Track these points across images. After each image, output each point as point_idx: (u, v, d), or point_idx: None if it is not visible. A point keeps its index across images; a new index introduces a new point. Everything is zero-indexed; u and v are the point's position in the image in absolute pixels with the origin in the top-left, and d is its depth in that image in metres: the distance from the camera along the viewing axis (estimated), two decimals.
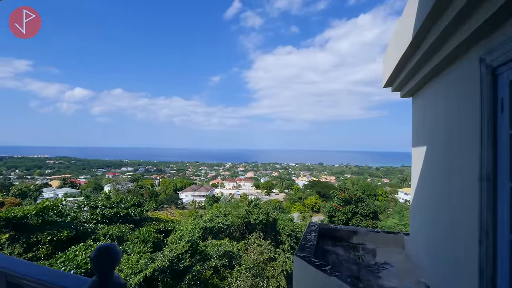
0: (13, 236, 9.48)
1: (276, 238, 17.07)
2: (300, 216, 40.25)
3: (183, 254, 9.86)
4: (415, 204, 2.56)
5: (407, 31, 2.10)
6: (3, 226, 9.80)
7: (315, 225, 2.52)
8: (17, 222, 9.82)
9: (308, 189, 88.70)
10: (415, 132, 2.61)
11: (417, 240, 2.53)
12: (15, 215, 9.63)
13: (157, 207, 64.90)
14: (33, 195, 71.28)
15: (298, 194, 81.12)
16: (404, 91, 2.58)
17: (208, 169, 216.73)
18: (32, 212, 10.04)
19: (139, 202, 15.95)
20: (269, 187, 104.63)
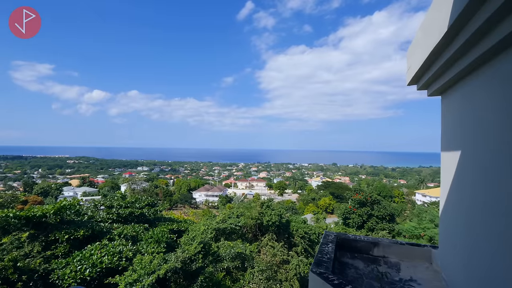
0: (32, 234, 9.75)
1: (289, 240, 16.83)
2: (313, 218, 39.72)
3: (196, 255, 9.83)
4: (447, 214, 2.26)
5: (440, 23, 1.83)
6: (23, 224, 10.12)
7: (331, 234, 2.32)
8: (36, 221, 10.11)
9: (321, 190, 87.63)
10: (446, 135, 2.32)
11: (448, 254, 2.24)
12: (34, 214, 9.91)
13: (171, 207, 66.01)
14: (54, 193, 74.29)
15: (311, 195, 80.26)
16: (432, 89, 2.31)
17: (221, 169, 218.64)
18: (50, 211, 10.30)
19: (153, 202, 16.13)
20: (282, 188, 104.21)
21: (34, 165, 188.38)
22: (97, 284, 8.90)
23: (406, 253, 2.63)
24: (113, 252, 9.67)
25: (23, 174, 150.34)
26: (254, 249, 12.78)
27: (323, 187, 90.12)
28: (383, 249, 2.58)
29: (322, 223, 32.37)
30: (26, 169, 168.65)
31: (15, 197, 14.15)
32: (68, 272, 8.56)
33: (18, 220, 9.88)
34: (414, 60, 2.28)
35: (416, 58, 2.21)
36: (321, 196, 76.18)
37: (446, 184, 2.21)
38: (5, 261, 7.57)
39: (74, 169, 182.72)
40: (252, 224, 15.38)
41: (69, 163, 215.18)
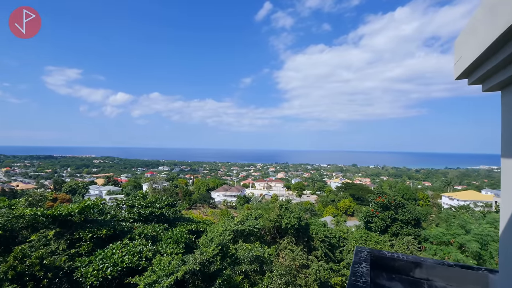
0: (58, 232, 10.08)
1: (309, 244, 16.38)
2: (333, 221, 38.71)
3: (214, 257, 9.72)
4: (510, 232, 1.83)
5: (507, 5, 1.47)
6: (51, 222, 10.50)
7: (364, 251, 2.01)
8: (62, 219, 10.46)
9: (341, 192, 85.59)
10: (508, 136, 1.89)
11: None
12: (60, 213, 10.24)
13: (191, 206, 67.09)
14: (81, 192, 77.98)
15: (330, 197, 78.52)
16: (490, 83, 1.93)
17: (239, 169, 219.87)
18: (75, 210, 10.61)
19: (172, 202, 16.29)
20: (300, 189, 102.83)
21: (64, 165, 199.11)
22: (118, 283, 9.02)
23: (456, 277, 2.15)
24: (133, 252, 9.79)
25: (53, 173, 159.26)
26: (272, 252, 12.52)
27: (342, 189, 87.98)
28: (426, 270, 2.13)
29: (342, 226, 31.44)
30: (56, 168, 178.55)
31: (43, 196, 14.81)
32: (91, 271, 8.74)
33: (45, 218, 10.27)
34: (466, 51, 1.91)
35: (470, 48, 1.85)
36: (341, 198, 74.32)
37: (509, 195, 1.81)
38: (32, 258, 7.83)
39: (99, 169, 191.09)
40: (270, 226, 15.12)
41: (95, 162, 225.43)
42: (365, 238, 20.44)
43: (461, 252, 18.47)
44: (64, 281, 8.53)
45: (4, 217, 9.44)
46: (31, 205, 11.51)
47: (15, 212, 9.81)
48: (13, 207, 10.49)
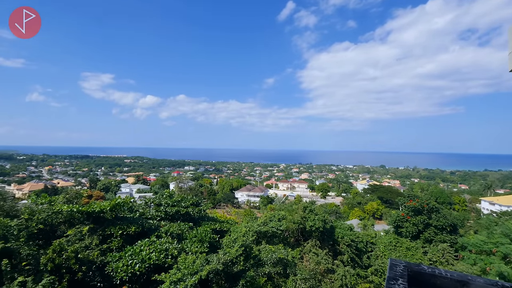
0: (92, 228, 10.66)
1: (334, 247, 15.89)
2: (360, 224, 37.33)
3: (237, 258, 9.73)
4: None
5: None
6: (85, 218, 11.14)
7: (400, 264, 1.80)
8: (95, 216, 11.05)
9: (368, 194, 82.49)
10: None
11: None
12: (94, 210, 10.83)
13: (215, 205, 68.21)
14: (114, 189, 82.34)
15: (357, 199, 75.92)
16: None
17: (263, 169, 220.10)
18: (107, 208, 11.16)
19: (197, 201, 16.62)
20: (324, 190, 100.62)
21: (98, 164, 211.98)
22: (145, 279, 9.34)
23: None
24: (160, 249, 10.08)
25: (89, 171, 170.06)
26: (296, 255, 12.29)
27: (370, 191, 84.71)
28: None
29: (370, 230, 30.18)
30: (92, 167, 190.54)
31: (79, 193, 15.81)
32: (121, 266, 9.13)
33: (81, 214, 10.91)
34: None
35: None
36: (368, 200, 71.56)
37: None
38: (69, 251, 8.33)
39: (130, 168, 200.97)
40: (294, 228, 14.88)
41: (126, 162, 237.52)
42: (395, 243, 19.42)
43: (506, 264, 16.88)
44: (96, 275, 8.99)
45: (45, 212, 10.15)
46: (68, 202, 12.28)
47: (54, 208, 10.52)
48: (52, 204, 11.24)
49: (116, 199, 12.02)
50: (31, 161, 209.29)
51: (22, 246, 8.39)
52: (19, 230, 8.98)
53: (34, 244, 9.10)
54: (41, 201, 11.57)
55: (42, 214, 10.03)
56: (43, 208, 10.50)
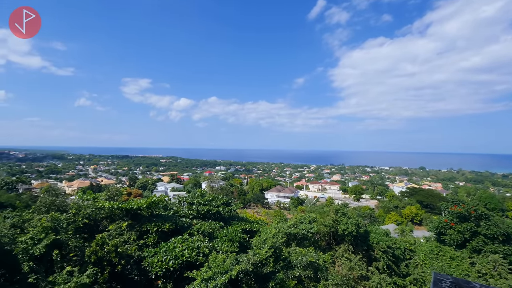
0: (130, 224, 11.31)
1: (369, 253, 15.13)
2: (397, 229, 35.19)
3: (267, 260, 9.69)
4: None
5: None
6: (124, 215, 11.87)
7: (446, 279, 1.60)
8: (133, 213, 11.72)
9: (406, 197, 77.68)
10: None
11: None
12: (132, 207, 11.49)
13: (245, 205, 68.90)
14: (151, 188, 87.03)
15: (393, 202, 71.79)
16: None
17: (293, 170, 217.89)
18: (144, 205, 11.77)
19: (228, 201, 16.88)
20: (358, 192, 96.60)
21: (137, 163, 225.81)
22: (178, 275, 9.68)
23: None
24: (192, 247, 10.39)
25: (129, 170, 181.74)
26: (328, 259, 11.92)
27: (408, 194, 79.67)
28: None
29: (408, 236, 28.27)
30: (131, 167, 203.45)
31: (119, 191, 16.93)
32: (156, 261, 9.56)
33: (120, 211, 11.65)
34: None
35: None
36: (406, 204, 67.28)
37: None
38: (109, 245, 8.93)
39: (165, 167, 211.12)
40: (325, 231, 14.45)
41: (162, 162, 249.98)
42: (437, 252, 17.93)
43: None
44: (134, 268, 9.52)
45: (90, 208, 10.99)
46: (109, 198, 13.19)
47: (98, 204, 11.35)
48: (96, 200, 12.14)
49: (152, 197, 12.63)
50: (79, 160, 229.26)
51: (70, 239, 9.16)
52: (67, 223, 9.81)
53: (80, 237, 9.88)
54: (87, 198, 12.55)
55: (87, 209, 10.86)
56: (88, 204, 11.37)
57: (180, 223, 12.48)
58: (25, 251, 8.29)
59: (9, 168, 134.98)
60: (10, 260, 8.33)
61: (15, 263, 8.19)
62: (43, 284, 7.49)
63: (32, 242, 8.51)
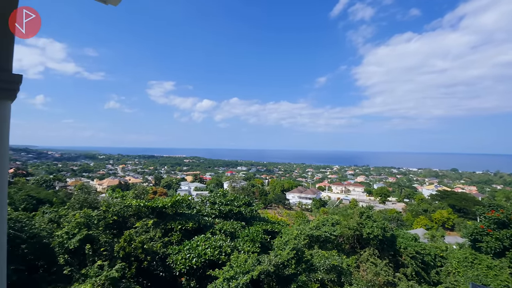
0: (155, 222, 11.72)
1: (396, 258, 14.47)
2: (427, 234, 33.40)
3: (289, 261, 9.60)
4: None
5: None
6: (150, 213, 12.32)
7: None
8: (158, 211, 12.13)
9: (436, 201, 73.51)
10: None
11: None
12: (157, 205, 11.91)
13: (266, 206, 68.84)
14: (175, 187, 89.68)
15: (422, 206, 68.24)
16: None
17: (315, 171, 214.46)
18: (168, 204, 12.15)
19: (249, 201, 16.96)
20: (384, 195, 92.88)
21: (162, 163, 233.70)
22: (201, 273, 9.87)
23: None
24: (214, 246, 10.55)
25: (154, 170, 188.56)
26: (352, 263, 11.57)
27: (438, 197, 75.35)
28: None
29: (439, 242, 26.67)
30: (156, 166, 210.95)
31: (145, 189, 17.63)
32: (180, 259, 9.81)
33: (146, 209, 12.11)
34: None
35: None
36: (436, 208, 63.69)
37: None
38: (136, 242, 9.30)
39: (189, 167, 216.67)
40: (349, 234, 14.03)
41: (185, 162, 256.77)
42: (471, 260, 16.73)
43: None
44: (159, 265, 9.84)
45: (118, 206, 11.52)
46: (136, 197, 13.77)
47: (126, 202, 11.88)
48: (124, 198, 12.72)
49: (176, 196, 13.00)
50: (109, 160, 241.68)
51: (100, 234, 9.66)
52: (98, 220, 10.35)
53: (110, 233, 10.39)
54: (116, 196, 13.19)
55: (116, 207, 11.40)
56: (117, 202, 11.92)
57: (203, 222, 12.72)
58: (61, 245, 8.86)
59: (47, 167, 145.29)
60: (48, 252, 8.95)
61: (52, 256, 8.78)
62: (76, 276, 7.96)
63: (67, 237, 9.08)
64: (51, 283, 7.79)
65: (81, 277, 7.91)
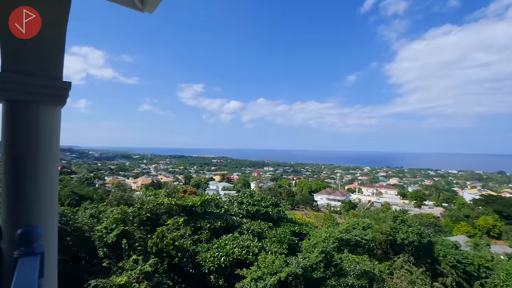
0: (186, 220, 12.13)
1: (433, 267, 13.51)
2: (469, 242, 30.84)
3: (317, 264, 9.41)
4: None
5: None
6: (181, 211, 12.77)
7: None
8: (188, 209, 12.54)
9: (480, 206, 67.55)
10: None
11: None
12: (187, 204, 12.32)
13: (293, 207, 68.15)
14: (204, 186, 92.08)
15: (464, 211, 63.21)
16: None
17: (344, 172, 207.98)
18: (198, 203, 12.52)
19: (276, 202, 16.93)
20: (420, 198, 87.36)
21: (191, 163, 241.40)
22: (229, 272, 10.03)
23: None
24: (242, 245, 10.67)
25: (184, 169, 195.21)
26: (384, 269, 11.04)
27: (482, 202, 69.20)
28: None
29: (484, 251, 24.49)
30: (186, 166, 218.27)
31: (176, 188, 18.36)
32: (208, 257, 10.06)
33: (177, 207, 12.58)
34: None
35: None
36: (480, 214, 58.55)
37: None
38: (168, 238, 9.69)
39: (216, 167, 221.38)
40: (382, 239, 13.40)
41: (213, 161, 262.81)
42: None
43: None
44: (189, 262, 10.16)
45: (151, 203, 12.09)
46: (168, 195, 14.33)
47: (158, 200, 12.44)
48: (157, 196, 13.32)
49: (205, 195, 13.35)
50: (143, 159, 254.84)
51: (135, 230, 10.21)
52: (133, 216, 10.95)
53: (144, 229, 10.93)
54: (149, 194, 13.86)
55: (150, 204, 11.97)
56: (150, 200, 12.53)
57: (230, 222, 12.92)
58: (100, 239, 9.50)
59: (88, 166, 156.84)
60: (89, 245, 9.65)
61: (93, 248, 9.45)
62: (114, 268, 8.49)
63: (105, 231, 9.72)
64: (92, 274, 8.37)
65: (118, 269, 8.42)
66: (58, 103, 1.82)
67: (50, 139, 1.77)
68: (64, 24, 1.72)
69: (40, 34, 1.68)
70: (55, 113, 1.82)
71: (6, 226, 1.66)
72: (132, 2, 2.46)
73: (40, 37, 1.69)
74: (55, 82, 1.77)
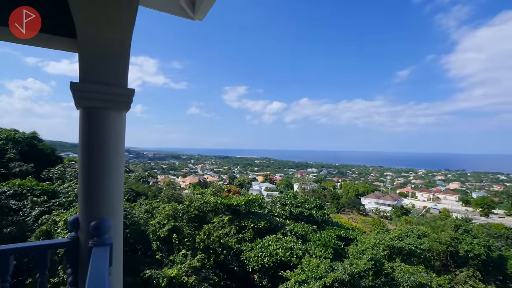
0: (231, 218, 12.50)
1: (507, 285, 11.76)
2: None
3: (366, 272, 8.89)
4: None
5: None
6: (226, 209, 13.22)
7: None
8: (233, 209, 12.90)
9: None
10: None
11: None
12: (232, 203, 12.68)
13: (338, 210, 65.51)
14: (247, 186, 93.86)
15: None
16: None
17: (395, 175, 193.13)
18: (242, 203, 12.81)
19: (320, 205, 16.46)
20: (487, 206, 76.65)
21: (235, 163, 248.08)
22: (272, 272, 10.04)
23: None
24: (286, 247, 10.61)
25: (228, 169, 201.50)
26: (444, 283, 9.97)
27: None
28: None
29: None
30: (230, 166, 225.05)
31: (221, 188, 19.07)
32: (252, 256, 10.21)
33: (222, 206, 13.04)
34: None
35: None
36: None
37: None
38: (214, 235, 10.10)
39: (259, 168, 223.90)
40: (440, 250, 12.11)
41: (256, 162, 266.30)
42: None
43: None
44: (234, 260, 10.44)
45: (199, 201, 12.74)
46: (214, 194, 14.95)
47: (205, 198, 13.05)
48: (203, 195, 13.99)
49: (249, 195, 13.60)
50: (190, 160, 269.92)
51: (184, 226, 10.86)
52: (182, 213, 11.65)
53: (192, 226, 11.56)
54: (197, 192, 14.63)
55: (197, 202, 12.62)
56: (197, 198, 13.21)
57: (274, 222, 12.94)
58: (154, 233, 10.32)
59: (143, 165, 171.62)
60: (144, 238, 10.55)
61: (147, 241, 10.32)
62: (165, 261, 9.14)
63: (158, 226, 10.52)
64: (147, 265, 9.15)
65: (169, 262, 9.05)
66: (124, 108, 2.06)
67: (118, 141, 2.02)
68: (129, 37, 1.93)
69: (110, 48, 1.92)
70: (122, 118, 2.06)
71: (82, 218, 1.93)
72: (184, 11, 2.65)
73: (111, 51, 1.93)
74: (123, 90, 2.01)
